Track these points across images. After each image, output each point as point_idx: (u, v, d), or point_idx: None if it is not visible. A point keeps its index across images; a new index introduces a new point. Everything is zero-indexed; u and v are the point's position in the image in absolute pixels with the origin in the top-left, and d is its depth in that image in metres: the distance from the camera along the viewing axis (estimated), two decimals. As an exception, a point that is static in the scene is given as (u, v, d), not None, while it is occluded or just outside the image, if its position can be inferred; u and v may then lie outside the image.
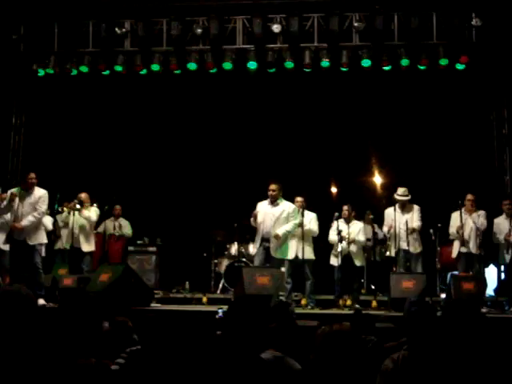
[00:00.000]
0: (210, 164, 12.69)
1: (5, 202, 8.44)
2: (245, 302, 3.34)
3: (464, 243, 9.26)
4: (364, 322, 4.54)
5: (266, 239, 9.02)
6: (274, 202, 9.09)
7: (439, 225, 10.47)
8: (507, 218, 9.31)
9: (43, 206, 8.58)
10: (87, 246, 9.89)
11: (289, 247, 9.29)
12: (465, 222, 9.25)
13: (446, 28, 10.36)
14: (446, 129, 12.03)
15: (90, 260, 9.94)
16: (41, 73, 11.26)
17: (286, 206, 9.10)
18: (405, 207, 9.70)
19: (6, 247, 8.65)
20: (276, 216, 9.00)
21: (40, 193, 8.54)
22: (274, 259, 8.96)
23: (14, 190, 8.54)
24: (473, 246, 9.30)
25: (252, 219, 9.11)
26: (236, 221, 10.99)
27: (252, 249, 10.84)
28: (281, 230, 8.92)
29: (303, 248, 9.26)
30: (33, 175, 8.52)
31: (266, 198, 9.15)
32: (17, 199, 8.43)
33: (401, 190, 9.77)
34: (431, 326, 3.22)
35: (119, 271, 8.63)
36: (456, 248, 9.45)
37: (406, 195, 9.74)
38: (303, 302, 9.58)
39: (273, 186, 9.06)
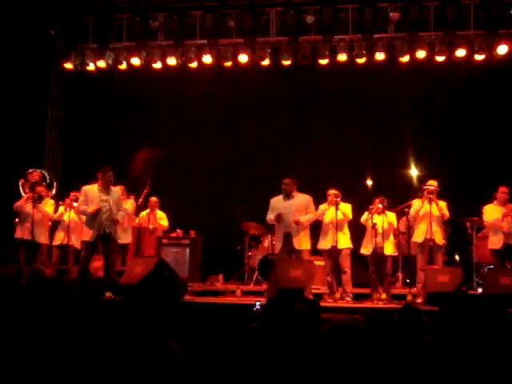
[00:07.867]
0: (245, 156, 12.66)
1: None
2: (283, 297, 3.31)
3: (505, 236, 9.09)
4: (412, 317, 4.43)
5: (287, 233, 9.06)
6: (289, 196, 9.15)
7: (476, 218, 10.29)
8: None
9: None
10: (125, 238, 10.01)
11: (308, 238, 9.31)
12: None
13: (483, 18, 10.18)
14: (481, 121, 11.81)
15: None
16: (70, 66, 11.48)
17: (301, 198, 9.18)
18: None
19: None
20: (293, 208, 9.06)
21: None
22: (297, 251, 9.00)
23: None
24: None
25: (273, 217, 9.12)
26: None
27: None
28: (302, 218, 9.00)
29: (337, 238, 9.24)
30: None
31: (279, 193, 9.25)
32: None
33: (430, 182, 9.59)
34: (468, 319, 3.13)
35: (153, 264, 8.65)
36: (499, 240, 9.20)
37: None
38: (337, 295, 9.48)
39: (286, 180, 9.15)
